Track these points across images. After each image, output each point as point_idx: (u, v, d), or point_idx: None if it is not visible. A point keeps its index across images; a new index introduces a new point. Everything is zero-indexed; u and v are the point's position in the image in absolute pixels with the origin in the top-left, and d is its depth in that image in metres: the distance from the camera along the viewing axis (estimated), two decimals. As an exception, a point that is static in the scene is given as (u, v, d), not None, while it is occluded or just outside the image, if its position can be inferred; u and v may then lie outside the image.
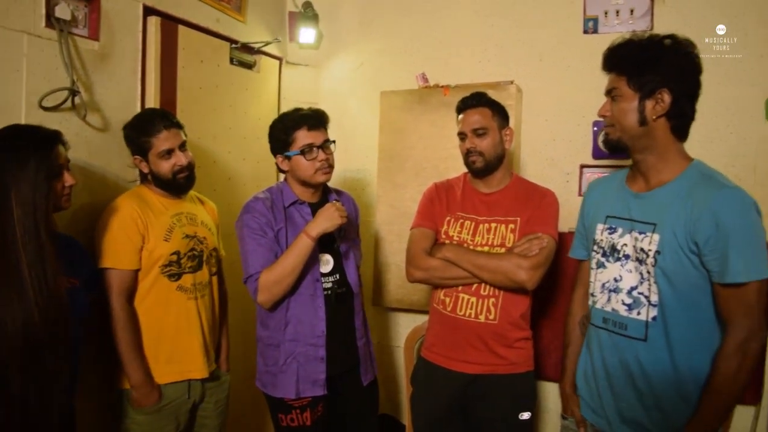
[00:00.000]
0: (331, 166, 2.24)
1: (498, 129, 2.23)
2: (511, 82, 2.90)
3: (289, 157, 2.22)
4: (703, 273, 1.59)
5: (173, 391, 2.16)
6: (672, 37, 1.66)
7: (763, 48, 2.65)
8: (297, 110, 2.25)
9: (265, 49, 3.15)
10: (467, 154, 2.23)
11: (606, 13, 2.86)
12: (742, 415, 2.59)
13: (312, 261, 2.15)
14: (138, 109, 2.40)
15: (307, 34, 3.32)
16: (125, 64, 2.36)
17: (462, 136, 2.25)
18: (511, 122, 2.79)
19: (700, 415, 1.59)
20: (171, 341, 2.16)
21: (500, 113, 2.27)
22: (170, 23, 2.53)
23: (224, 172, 2.93)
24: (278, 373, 2.18)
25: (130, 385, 2.08)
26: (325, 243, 2.18)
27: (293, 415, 2.18)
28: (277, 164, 2.29)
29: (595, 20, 2.88)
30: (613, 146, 1.75)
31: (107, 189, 2.28)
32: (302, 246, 2.07)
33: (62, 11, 2.04)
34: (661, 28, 2.75)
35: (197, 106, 2.70)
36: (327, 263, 2.25)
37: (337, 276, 2.27)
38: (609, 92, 1.71)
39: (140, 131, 2.15)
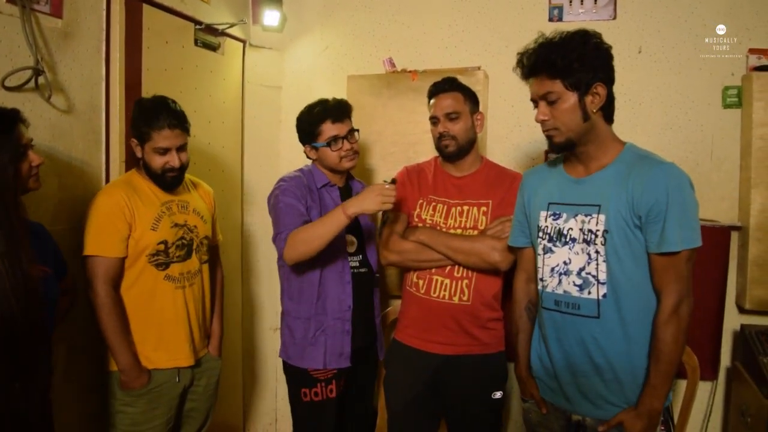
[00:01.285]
0: (356, 153, 2.37)
1: (470, 113, 2.27)
2: (479, 68, 2.93)
3: (316, 148, 2.33)
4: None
5: (163, 375, 2.14)
6: (583, 31, 1.71)
7: (719, 36, 2.75)
8: (322, 102, 2.35)
9: (229, 31, 3.09)
10: (439, 138, 2.25)
11: (571, 2, 2.93)
12: (700, 390, 2.72)
13: (341, 240, 2.27)
14: (102, 91, 2.34)
15: (271, 16, 3.26)
16: (89, 44, 2.28)
17: (434, 120, 2.27)
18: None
19: (650, 381, 1.69)
20: (157, 330, 2.13)
21: (471, 98, 2.30)
22: (135, 2, 2.45)
23: (189, 156, 2.85)
24: (307, 345, 2.27)
25: (118, 368, 2.05)
26: (351, 225, 2.19)
27: (318, 389, 2.27)
28: (305, 152, 2.41)
29: (560, 8, 2.94)
30: (560, 148, 1.79)
31: (72, 173, 2.20)
32: (335, 219, 2.07)
33: (24, -14, 1.96)
34: (624, 17, 2.85)
35: (162, 88, 2.59)
36: (352, 244, 2.37)
37: (360, 257, 2.40)
38: (543, 97, 1.73)
39: (145, 120, 2.10)
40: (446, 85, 2.29)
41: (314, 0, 3.38)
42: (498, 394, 2.23)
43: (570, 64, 1.66)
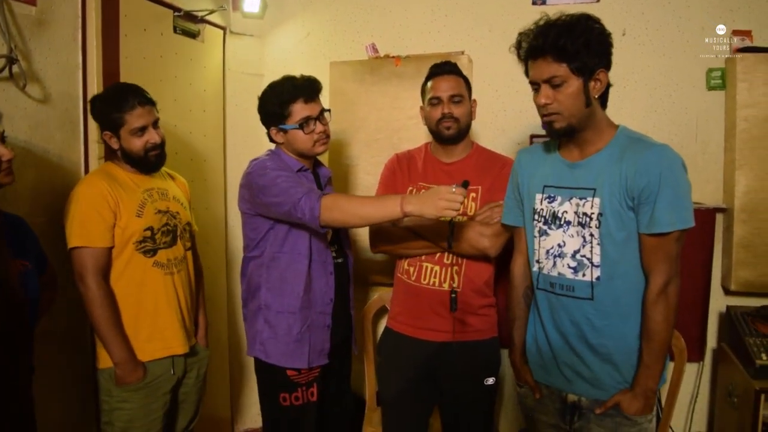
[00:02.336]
0: (328, 137, 2.20)
1: (468, 99, 2.26)
2: (462, 53, 2.91)
3: (285, 131, 2.16)
4: None
5: (158, 367, 2.10)
6: (586, 15, 1.69)
7: (705, 20, 2.74)
8: (290, 79, 2.16)
9: (209, 18, 3.03)
10: (441, 120, 2.19)
11: (554, -15, 2.90)
12: (686, 372, 2.73)
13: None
14: (79, 80, 2.29)
15: (251, 2, 3.20)
16: (65, 31, 2.22)
17: (435, 101, 2.21)
18: (465, 93, 2.82)
19: (644, 361, 1.70)
20: (150, 318, 2.09)
21: (468, 84, 2.29)
22: (111, -12, 2.39)
23: (170, 146, 2.74)
24: (292, 342, 2.12)
25: (113, 363, 2.00)
26: None
27: (298, 393, 2.13)
28: (270, 135, 2.21)
29: (544, -9, 2.91)
30: (560, 134, 1.76)
31: (50, 164, 2.16)
32: (389, 209, 1.87)
33: (-5, -28, 1.90)
34: (607, 2, 2.83)
35: (141, 77, 2.54)
36: (329, 232, 2.20)
37: (336, 246, 2.26)
38: (547, 80, 1.69)
39: (113, 106, 2.05)
40: (450, 67, 2.25)
41: (295, -15, 3.33)
42: (491, 380, 2.22)
43: (578, 48, 1.63)
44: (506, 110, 3.00)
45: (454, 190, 1.78)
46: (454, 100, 2.19)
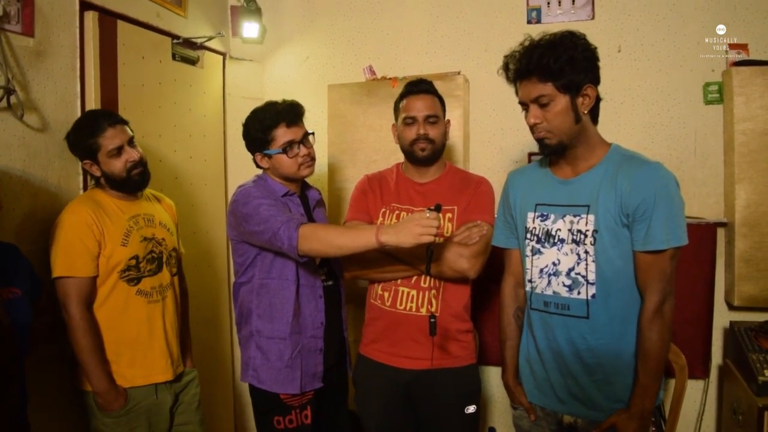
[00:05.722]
0: (313, 159, 2.21)
1: (443, 119, 2.22)
2: (458, 73, 2.92)
3: (269, 156, 2.16)
4: None
5: (139, 393, 2.10)
6: (569, 32, 1.70)
7: (700, 34, 2.74)
8: (272, 105, 2.18)
9: (208, 44, 3.08)
10: (415, 141, 2.15)
11: (548, 4, 2.92)
12: (692, 389, 2.70)
13: None
14: (78, 109, 2.32)
15: (250, 28, 3.25)
16: (63, 62, 2.26)
17: (410, 120, 2.16)
18: (460, 112, 2.85)
19: (640, 381, 1.69)
20: (131, 346, 2.10)
21: (443, 104, 2.25)
22: (108, 18, 2.44)
23: (171, 170, 2.85)
24: (284, 367, 2.11)
25: (94, 392, 2.02)
26: None
27: (292, 416, 2.12)
28: (255, 161, 2.23)
29: (538, 10, 2.93)
30: (552, 151, 1.77)
31: (49, 192, 2.18)
32: (364, 240, 1.84)
33: (-8, 6, 1.94)
34: (603, 17, 2.85)
35: (140, 104, 2.61)
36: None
37: (326, 269, 2.25)
38: (535, 100, 1.71)
39: (85, 133, 2.08)
40: (426, 86, 2.21)
41: (294, 10, 3.38)
42: (471, 408, 2.15)
43: (562, 66, 1.64)
44: (503, 129, 3.00)
45: (428, 215, 1.74)
46: (429, 120, 2.15)
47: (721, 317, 2.71)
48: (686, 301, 2.54)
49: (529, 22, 2.95)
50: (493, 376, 3.02)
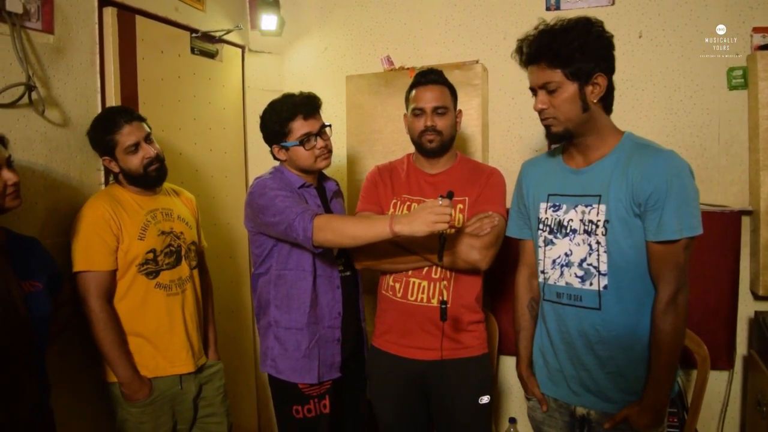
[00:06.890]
0: (330, 152, 2.23)
1: (453, 110, 2.21)
2: (477, 62, 2.90)
3: (286, 148, 2.18)
4: None
5: (163, 383, 2.15)
6: (585, 19, 1.67)
7: (724, 18, 2.67)
8: (289, 97, 2.19)
9: (227, 37, 3.10)
10: (423, 132, 2.15)
11: (567, -11, 2.87)
12: (716, 380, 2.66)
13: None
14: (98, 103, 2.35)
15: (268, 20, 3.27)
16: (83, 57, 2.29)
17: (419, 111, 2.16)
18: (478, 101, 2.83)
19: (653, 374, 1.67)
20: (152, 339, 2.13)
21: (454, 94, 2.23)
22: (127, 13, 2.47)
23: (191, 164, 2.88)
24: (301, 357, 2.14)
25: (119, 382, 2.07)
26: None
27: (311, 405, 2.15)
28: (273, 153, 2.25)
29: (557, -4, 2.89)
30: (558, 138, 1.76)
31: (71, 186, 2.22)
32: (379, 230, 1.85)
33: (13, 4, 1.96)
34: (623, 2, 2.80)
35: (160, 98, 2.64)
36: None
37: (344, 260, 2.26)
38: (543, 86, 1.69)
39: (103, 130, 2.12)
40: (435, 76, 2.19)
41: (312, 2, 3.39)
42: (485, 399, 2.15)
43: (572, 53, 1.62)
44: (522, 118, 2.97)
45: (440, 202, 1.73)
46: (437, 111, 2.13)
47: (746, 307, 2.66)
48: (710, 291, 2.49)
49: (548, 8, 2.91)
50: (513, 366, 3.01)
